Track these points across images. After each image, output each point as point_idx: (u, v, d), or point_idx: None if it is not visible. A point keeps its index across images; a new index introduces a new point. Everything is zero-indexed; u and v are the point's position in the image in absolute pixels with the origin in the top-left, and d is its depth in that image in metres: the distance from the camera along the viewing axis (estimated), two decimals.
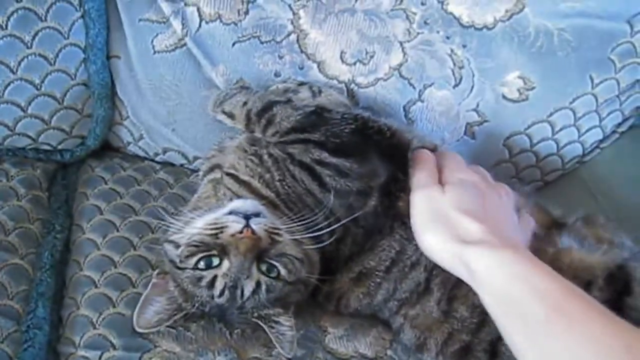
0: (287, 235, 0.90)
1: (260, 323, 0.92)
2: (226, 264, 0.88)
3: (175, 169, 1.24)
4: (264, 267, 0.88)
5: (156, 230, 1.08)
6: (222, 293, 0.88)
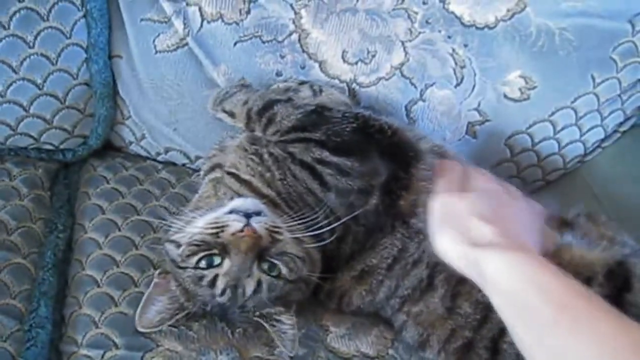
0: (288, 233, 0.90)
1: (262, 322, 0.92)
2: (227, 263, 0.88)
3: (177, 169, 1.24)
4: (265, 266, 0.89)
5: (158, 229, 1.08)
6: (224, 292, 0.88)
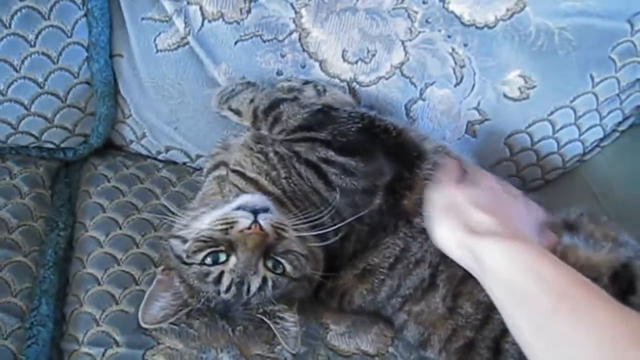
0: (293, 231, 0.91)
1: (264, 319, 0.92)
2: (233, 260, 0.88)
3: (177, 167, 1.24)
4: (270, 264, 0.89)
5: (159, 227, 1.08)
6: (229, 289, 0.88)
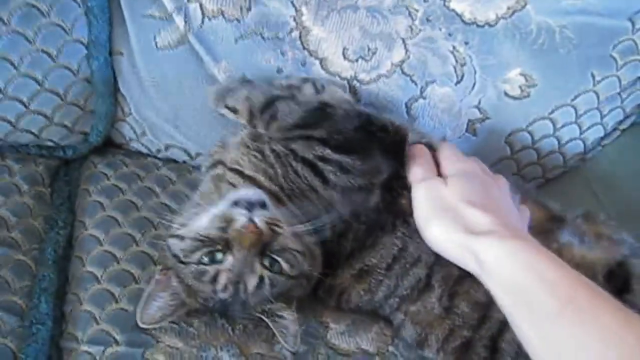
0: (288, 227, 0.90)
1: (263, 318, 0.92)
2: (229, 259, 0.88)
3: (177, 166, 1.24)
4: (267, 262, 0.89)
5: (158, 226, 1.08)
6: (226, 288, 0.88)
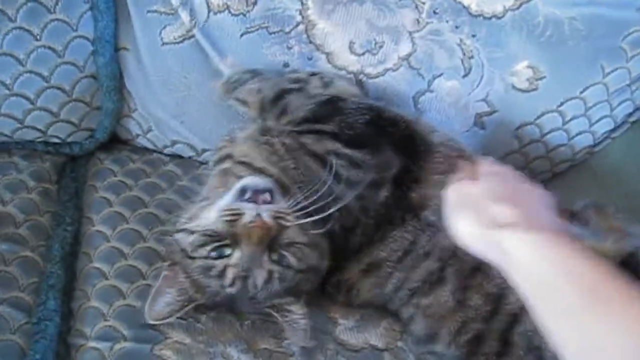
0: (295, 220, 0.89)
1: (273, 312, 0.92)
2: (237, 254, 0.87)
3: (183, 161, 1.24)
4: (275, 257, 0.88)
5: (166, 222, 1.08)
6: (233, 283, 0.88)
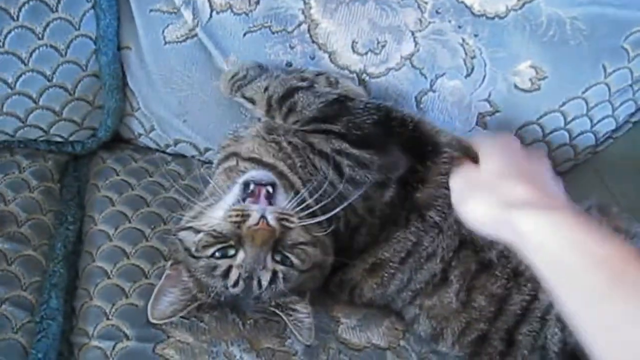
0: (298, 220, 0.89)
1: (277, 312, 0.92)
2: (241, 255, 0.87)
3: (186, 161, 1.24)
4: (279, 258, 0.88)
5: (168, 221, 1.08)
6: (237, 283, 0.88)
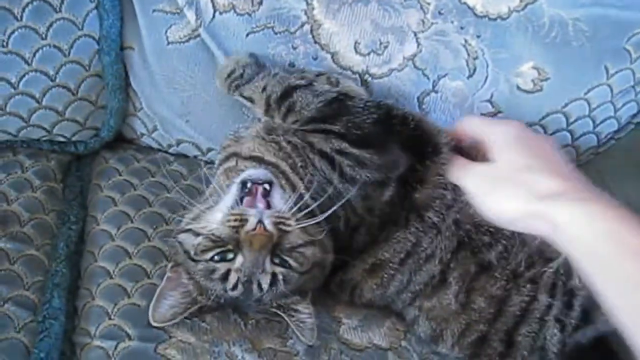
0: (296, 224, 0.88)
1: (279, 313, 0.92)
2: (240, 259, 0.87)
3: (188, 161, 1.24)
4: (278, 260, 0.88)
5: (170, 221, 1.08)
6: (235, 287, 0.87)
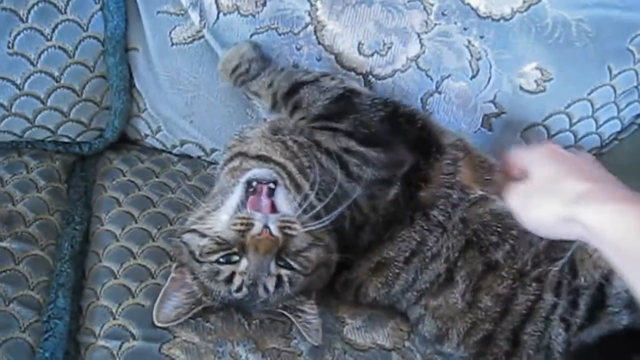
0: (301, 228, 0.88)
1: (286, 313, 0.92)
2: (244, 262, 0.87)
3: (192, 161, 1.25)
4: (282, 263, 0.88)
5: (174, 221, 1.08)
6: (240, 289, 0.87)
